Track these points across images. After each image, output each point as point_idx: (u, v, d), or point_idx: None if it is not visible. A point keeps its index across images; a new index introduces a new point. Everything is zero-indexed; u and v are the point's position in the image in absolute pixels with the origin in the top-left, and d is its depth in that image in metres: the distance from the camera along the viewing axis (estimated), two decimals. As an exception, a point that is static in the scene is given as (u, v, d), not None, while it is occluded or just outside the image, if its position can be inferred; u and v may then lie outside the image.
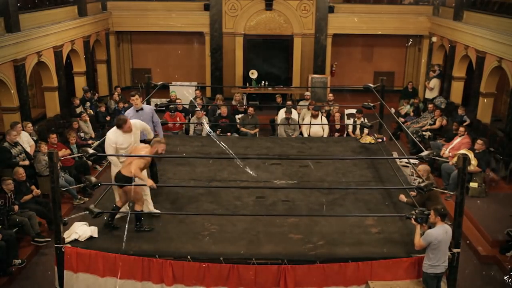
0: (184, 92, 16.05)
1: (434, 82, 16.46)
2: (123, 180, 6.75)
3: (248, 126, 13.20)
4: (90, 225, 6.84)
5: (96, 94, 16.40)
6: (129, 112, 8.23)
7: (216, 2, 17.80)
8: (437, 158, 7.96)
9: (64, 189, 8.87)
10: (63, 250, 6.39)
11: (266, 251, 6.55)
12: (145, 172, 6.99)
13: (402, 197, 7.82)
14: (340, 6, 18.49)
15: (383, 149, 10.32)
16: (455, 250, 6.33)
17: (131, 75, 20.14)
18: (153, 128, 8.31)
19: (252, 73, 17.51)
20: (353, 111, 14.12)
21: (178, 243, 6.68)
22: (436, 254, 6.13)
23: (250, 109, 13.46)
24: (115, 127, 7.24)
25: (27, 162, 10.01)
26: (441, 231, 6.16)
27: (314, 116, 12.78)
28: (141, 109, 8.39)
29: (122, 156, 7.10)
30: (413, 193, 7.90)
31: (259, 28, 18.13)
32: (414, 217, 6.44)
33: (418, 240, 6.28)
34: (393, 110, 14.31)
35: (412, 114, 15.01)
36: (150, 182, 6.73)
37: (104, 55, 18.14)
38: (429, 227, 6.33)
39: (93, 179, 6.58)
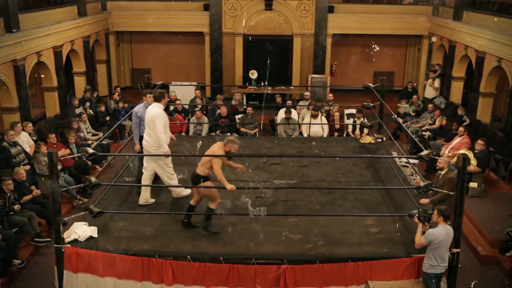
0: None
1: (439, 82, 16.49)
2: (198, 180, 6.74)
3: (248, 126, 13.21)
4: (90, 225, 6.84)
5: (96, 93, 16.38)
6: (139, 107, 8.28)
7: (216, 2, 17.80)
8: (437, 158, 7.96)
9: (64, 189, 8.87)
10: (63, 250, 6.38)
11: (266, 251, 6.55)
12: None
13: (424, 201, 7.72)
14: (340, 6, 18.49)
15: (383, 149, 10.32)
16: (455, 250, 6.32)
17: (131, 75, 20.14)
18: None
19: (252, 74, 17.51)
20: (353, 111, 14.12)
21: (178, 243, 6.68)
22: (437, 254, 6.13)
23: (249, 109, 13.46)
24: (157, 103, 7.48)
25: (28, 167, 9.99)
26: (443, 231, 6.15)
27: (314, 116, 12.78)
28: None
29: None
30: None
31: (259, 28, 18.13)
32: (417, 215, 6.44)
33: (418, 238, 6.28)
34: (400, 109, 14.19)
35: (413, 113, 14.92)
36: (229, 186, 6.63)
37: (104, 55, 18.14)
38: (431, 227, 6.33)
39: (93, 179, 6.57)
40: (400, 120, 13.24)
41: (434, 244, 6.11)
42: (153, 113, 7.46)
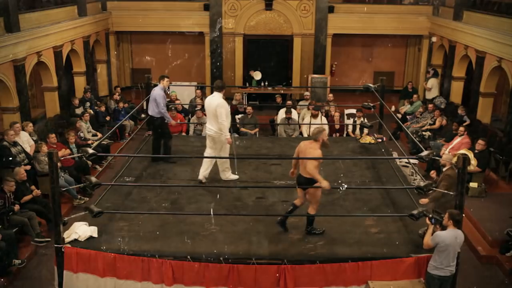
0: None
1: (432, 82, 16.53)
2: (306, 182, 6.68)
3: (248, 126, 13.20)
4: (90, 225, 6.84)
5: (90, 93, 16.31)
6: (154, 89, 9.48)
7: (216, 2, 17.80)
8: (437, 158, 7.96)
9: (64, 189, 8.87)
10: (63, 250, 6.39)
11: (266, 251, 6.55)
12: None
13: (424, 201, 7.66)
14: (340, 6, 18.48)
15: (383, 149, 10.32)
16: (455, 250, 6.33)
17: (131, 75, 20.14)
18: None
19: (255, 74, 17.52)
20: (353, 111, 14.12)
21: (178, 243, 6.68)
22: (442, 257, 6.11)
23: (249, 109, 13.46)
24: (218, 93, 8.07)
25: (28, 167, 10.00)
26: (451, 235, 6.11)
27: (314, 116, 12.78)
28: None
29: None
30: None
31: (259, 28, 18.13)
32: (429, 216, 6.44)
33: (427, 239, 6.27)
34: (393, 108, 14.30)
35: (418, 113, 14.82)
36: (325, 184, 6.54)
37: (104, 55, 18.13)
38: (442, 229, 6.31)
39: (93, 179, 6.58)
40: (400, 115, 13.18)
41: (441, 246, 6.09)
42: (216, 102, 8.00)
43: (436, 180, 7.83)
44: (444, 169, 7.92)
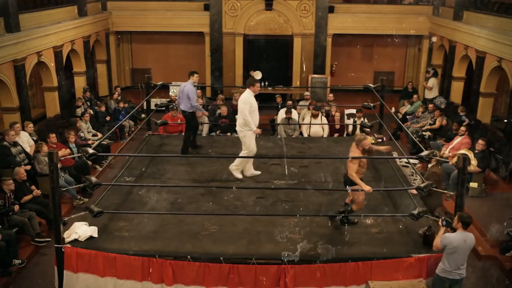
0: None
1: (432, 82, 16.53)
2: (350, 182, 6.85)
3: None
4: (90, 225, 6.84)
5: (90, 93, 16.32)
6: (184, 83, 9.83)
7: (216, 2, 17.80)
8: (437, 158, 7.95)
9: (64, 189, 8.87)
10: (63, 250, 6.39)
11: (266, 251, 6.55)
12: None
13: (414, 192, 7.75)
14: (340, 6, 18.49)
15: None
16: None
17: (131, 75, 20.14)
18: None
19: (255, 74, 17.50)
20: (353, 111, 14.11)
21: (178, 243, 6.68)
22: (451, 260, 6.08)
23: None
24: (247, 89, 8.50)
25: (28, 167, 10.00)
26: (460, 237, 6.08)
27: (314, 116, 12.79)
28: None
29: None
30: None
31: (259, 28, 18.13)
32: (442, 218, 6.45)
33: (437, 241, 6.24)
34: (393, 110, 14.28)
35: (420, 113, 14.80)
36: (367, 188, 6.72)
37: (104, 55, 18.14)
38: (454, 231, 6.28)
39: (93, 179, 6.58)
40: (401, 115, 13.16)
41: (449, 249, 6.07)
42: (241, 97, 8.55)
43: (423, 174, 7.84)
44: (429, 166, 7.96)
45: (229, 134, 12.80)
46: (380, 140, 10.84)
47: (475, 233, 9.47)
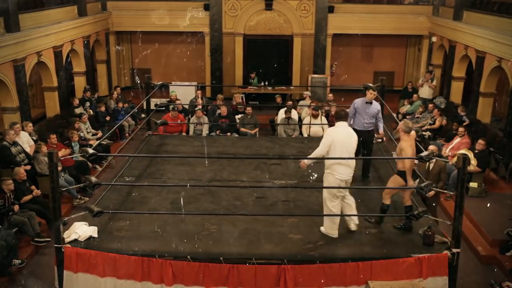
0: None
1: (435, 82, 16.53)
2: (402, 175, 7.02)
3: (248, 126, 13.21)
4: (90, 225, 6.84)
5: (96, 93, 16.40)
6: (359, 100, 8.94)
7: (216, 2, 17.81)
8: (437, 158, 7.94)
9: (64, 189, 8.87)
10: (63, 250, 6.38)
11: (266, 251, 6.55)
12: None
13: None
14: (340, 6, 18.50)
15: (383, 149, 10.31)
16: (455, 250, 6.32)
17: (131, 75, 20.14)
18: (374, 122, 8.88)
19: (251, 77, 17.64)
20: (353, 111, 14.07)
21: (178, 243, 6.67)
22: None
23: (248, 109, 13.47)
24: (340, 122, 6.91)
25: (28, 167, 10.00)
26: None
27: (314, 116, 12.78)
28: (371, 103, 8.81)
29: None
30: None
31: (259, 28, 18.14)
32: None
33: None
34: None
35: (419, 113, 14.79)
36: (411, 183, 6.99)
37: (104, 55, 18.14)
38: None
39: (93, 179, 6.57)
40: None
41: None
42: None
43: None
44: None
45: (229, 134, 12.80)
46: (380, 140, 10.82)
47: (475, 233, 9.48)
